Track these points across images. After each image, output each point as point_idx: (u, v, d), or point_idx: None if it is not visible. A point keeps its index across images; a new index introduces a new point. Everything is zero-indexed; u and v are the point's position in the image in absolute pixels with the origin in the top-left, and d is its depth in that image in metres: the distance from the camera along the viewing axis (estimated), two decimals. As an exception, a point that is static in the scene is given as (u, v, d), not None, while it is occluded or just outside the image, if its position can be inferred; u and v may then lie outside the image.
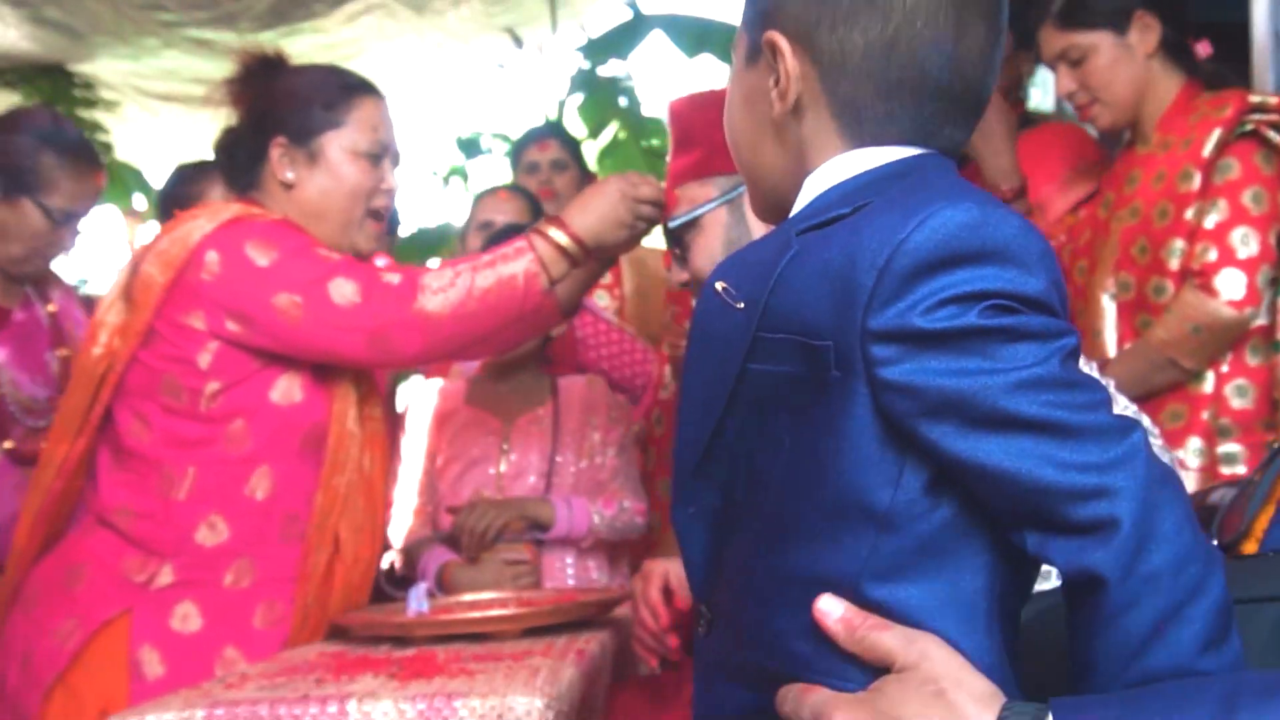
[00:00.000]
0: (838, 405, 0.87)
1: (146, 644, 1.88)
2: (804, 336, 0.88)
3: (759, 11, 1.03)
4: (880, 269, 0.84)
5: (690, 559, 1.02)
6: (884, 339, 0.84)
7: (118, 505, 1.94)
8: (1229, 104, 2.25)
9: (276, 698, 1.40)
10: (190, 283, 1.89)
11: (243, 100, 2.06)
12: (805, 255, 0.90)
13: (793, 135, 1.01)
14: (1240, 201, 2.21)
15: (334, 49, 4.98)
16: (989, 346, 0.83)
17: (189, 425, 1.91)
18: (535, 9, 5.40)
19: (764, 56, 1.01)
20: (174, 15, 4.55)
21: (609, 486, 2.56)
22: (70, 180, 2.44)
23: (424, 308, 1.88)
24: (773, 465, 0.92)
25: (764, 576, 0.92)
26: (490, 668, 1.51)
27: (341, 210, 2.02)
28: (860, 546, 0.87)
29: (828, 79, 0.97)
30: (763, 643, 0.92)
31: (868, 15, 0.95)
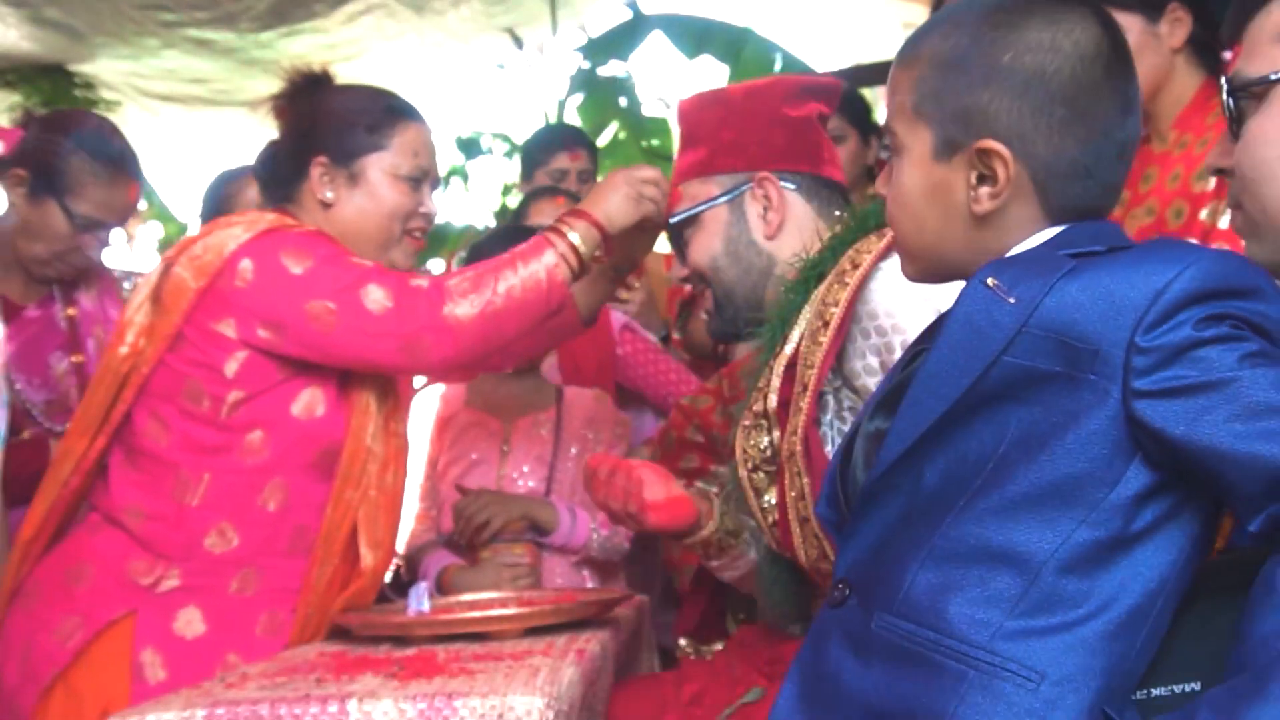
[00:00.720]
0: (1086, 403, 1.00)
1: (149, 647, 1.88)
2: (1071, 339, 1.02)
3: (957, 113, 1.14)
4: (1158, 292, 0.99)
5: (857, 529, 1.12)
6: (1149, 353, 0.99)
7: (128, 505, 1.94)
8: None
9: (277, 697, 1.41)
10: (223, 290, 1.89)
11: (287, 116, 2.08)
12: (1081, 273, 1.04)
13: (993, 224, 1.15)
14: None
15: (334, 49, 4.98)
16: (1239, 352, 0.98)
17: (207, 431, 1.91)
18: (535, 9, 5.41)
19: (964, 156, 1.14)
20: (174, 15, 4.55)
21: None
22: (100, 188, 2.40)
23: (453, 312, 1.88)
24: (991, 449, 1.04)
25: (949, 550, 1.03)
26: (490, 667, 1.51)
27: (378, 231, 2.03)
28: (1059, 532, 1.00)
29: (1040, 178, 1.13)
30: (929, 611, 1.02)
31: (1079, 123, 1.12)
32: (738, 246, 1.83)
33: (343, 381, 1.97)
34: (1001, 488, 1.02)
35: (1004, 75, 1.12)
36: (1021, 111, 1.11)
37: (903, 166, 1.18)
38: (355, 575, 1.98)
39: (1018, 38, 1.12)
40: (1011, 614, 1.00)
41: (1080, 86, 1.11)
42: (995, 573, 1.01)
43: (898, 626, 1.04)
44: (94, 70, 5.16)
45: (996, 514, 1.02)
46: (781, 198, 1.81)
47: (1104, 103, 1.12)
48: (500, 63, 6.33)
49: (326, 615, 1.97)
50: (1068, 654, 0.98)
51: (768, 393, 1.67)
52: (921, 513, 1.07)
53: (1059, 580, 1.00)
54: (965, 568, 1.02)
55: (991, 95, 1.12)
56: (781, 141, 1.82)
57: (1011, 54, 1.12)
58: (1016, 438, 1.03)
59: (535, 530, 2.47)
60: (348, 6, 4.72)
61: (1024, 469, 1.02)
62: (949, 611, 1.01)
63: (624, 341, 3.02)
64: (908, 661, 1.02)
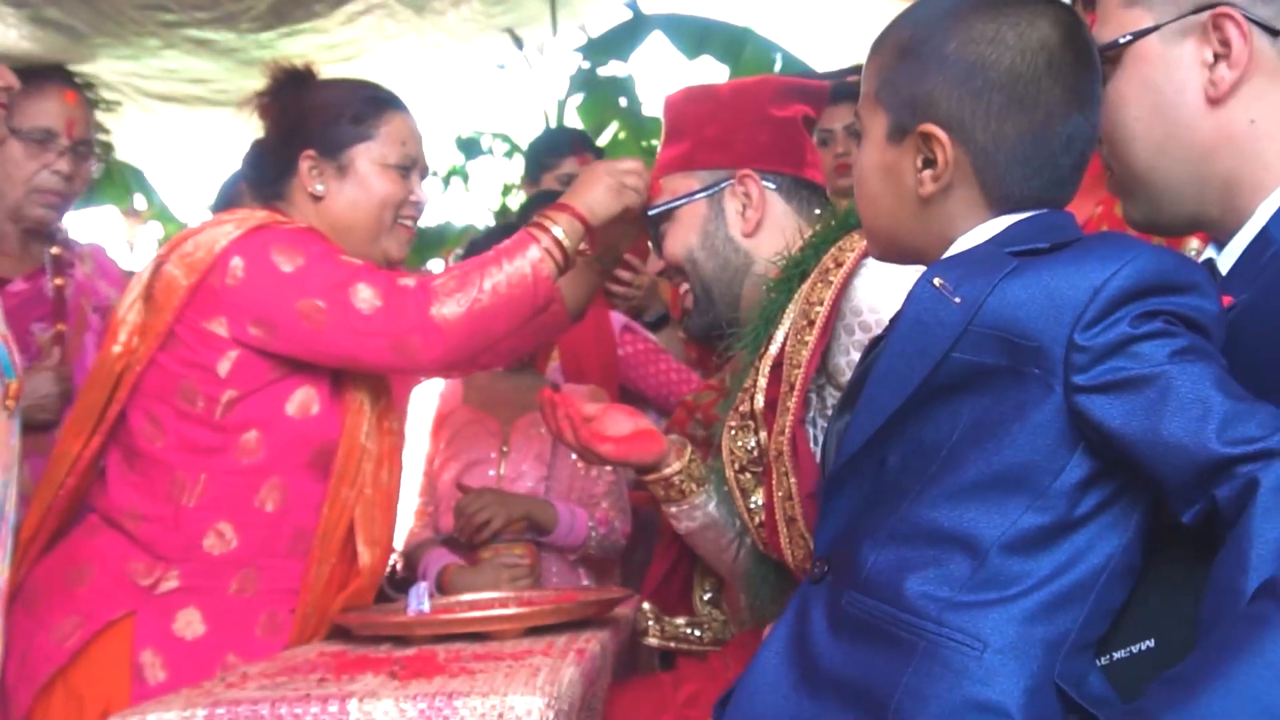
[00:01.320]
0: (1032, 396, 1.05)
1: (149, 648, 1.88)
2: (1013, 336, 1.06)
3: (907, 99, 1.19)
4: (1095, 289, 1.04)
5: (829, 514, 1.18)
6: (1086, 350, 1.03)
7: (126, 507, 1.94)
8: None
9: (277, 697, 1.41)
10: (214, 288, 1.89)
11: (271, 113, 2.08)
12: (1023, 272, 1.08)
13: (938, 207, 1.19)
14: None
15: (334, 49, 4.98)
16: (1171, 348, 1.02)
17: (202, 432, 1.91)
18: (535, 9, 5.40)
19: (911, 140, 1.19)
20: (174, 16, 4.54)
21: (601, 504, 2.57)
22: (31, 101, 2.40)
23: (440, 312, 1.88)
24: (944, 437, 1.09)
25: (905, 531, 1.09)
26: (490, 667, 1.51)
27: (370, 221, 2.04)
28: (1007, 516, 1.05)
29: (979, 164, 1.17)
30: (887, 587, 1.08)
31: (1018, 111, 1.15)
32: (715, 241, 1.83)
33: (336, 380, 1.98)
34: (954, 474, 1.08)
35: (948, 63, 1.17)
36: (961, 98, 1.16)
37: (864, 149, 1.25)
38: (353, 574, 1.98)
39: (965, 28, 1.17)
40: (960, 589, 1.05)
41: (1018, 77, 1.15)
42: (947, 554, 1.06)
43: (860, 602, 1.09)
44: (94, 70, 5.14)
45: (949, 499, 1.07)
46: (762, 196, 1.81)
47: (1045, 95, 1.15)
48: (500, 63, 6.33)
49: (326, 615, 1.97)
50: (1008, 624, 1.04)
51: (754, 393, 1.67)
52: (883, 496, 1.12)
53: (1004, 560, 1.05)
54: (919, 548, 1.08)
55: (935, 82, 1.17)
56: (765, 141, 1.83)
57: (956, 43, 1.17)
58: (969, 425, 1.08)
59: (535, 530, 2.47)
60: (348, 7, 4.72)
61: (975, 457, 1.07)
62: (903, 588, 1.06)
63: (625, 343, 3.02)
64: (868, 635, 1.08)
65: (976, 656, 1.03)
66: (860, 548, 1.11)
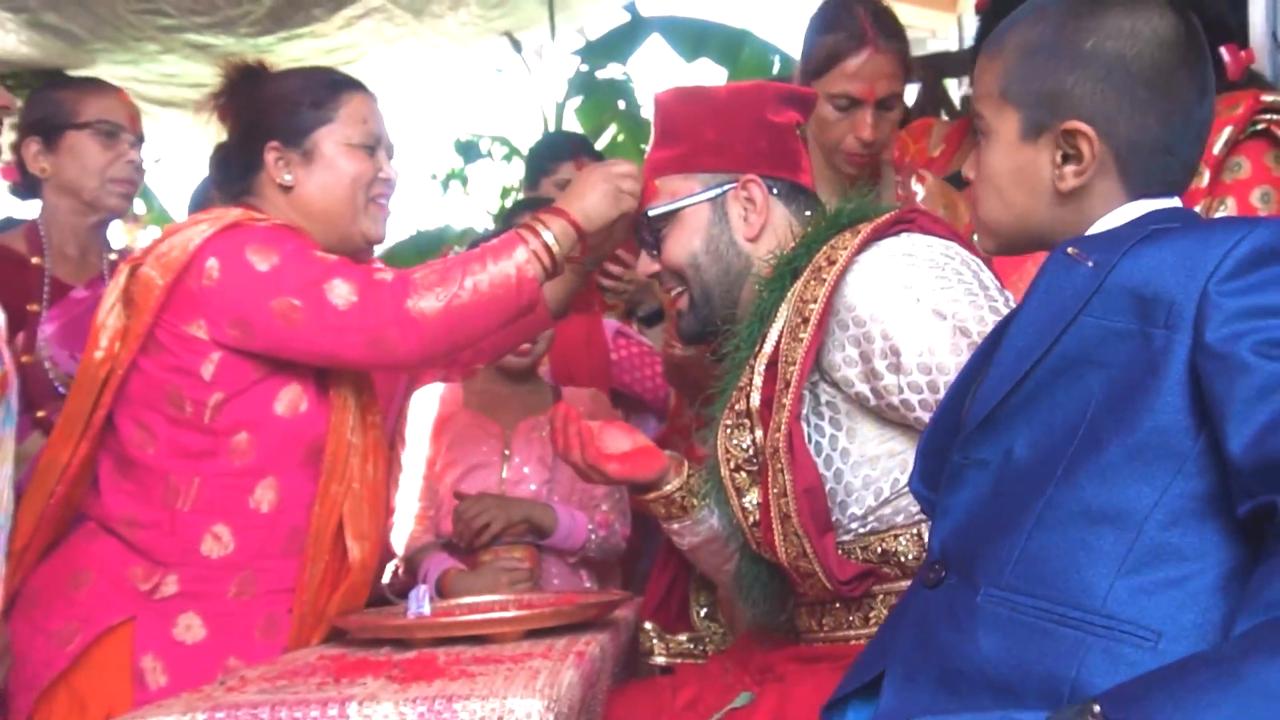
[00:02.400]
0: (1159, 359, 1.05)
1: (150, 653, 1.88)
2: (1145, 294, 1.08)
3: (1043, 96, 1.22)
4: (1229, 248, 1.05)
5: (949, 507, 1.17)
6: (1218, 306, 1.03)
7: (122, 515, 1.94)
8: (1240, 103, 2.23)
9: (277, 700, 1.41)
10: (191, 289, 1.89)
11: (230, 112, 2.08)
12: (1157, 237, 1.11)
13: (1077, 200, 1.22)
14: (1249, 200, 2.20)
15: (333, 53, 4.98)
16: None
17: (193, 436, 1.91)
18: (534, 12, 5.40)
19: (1049, 137, 1.22)
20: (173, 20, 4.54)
21: (601, 506, 2.57)
22: (94, 98, 2.52)
23: (418, 306, 1.87)
24: (1077, 417, 1.08)
25: (1052, 520, 1.06)
26: (490, 670, 1.51)
27: (343, 203, 2.03)
28: (1157, 486, 1.03)
29: (1123, 157, 1.21)
30: (1040, 581, 1.05)
31: (1160, 102, 1.20)
32: (718, 245, 1.83)
33: (320, 376, 1.98)
34: (1096, 453, 1.06)
35: (1087, 60, 1.20)
36: (1105, 94, 1.19)
37: (991, 148, 1.27)
38: (345, 571, 1.98)
39: (1098, 25, 1.21)
40: (1119, 572, 1.03)
41: (1159, 70, 1.19)
42: (1098, 535, 1.04)
43: (1009, 599, 1.07)
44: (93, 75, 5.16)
45: (1094, 478, 1.06)
46: (765, 200, 1.81)
47: (1181, 85, 1.20)
48: (499, 66, 6.34)
49: (323, 614, 1.97)
50: (1181, 610, 1.01)
51: (749, 391, 1.67)
52: (1014, 487, 1.11)
53: (1164, 534, 1.03)
54: (1070, 535, 1.06)
55: (1076, 79, 1.20)
56: (765, 146, 1.83)
57: (1093, 40, 1.20)
58: (1102, 400, 1.08)
59: (535, 533, 2.47)
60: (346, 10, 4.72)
61: (1113, 430, 1.06)
62: (1059, 579, 1.05)
63: (619, 347, 3.02)
64: (1023, 631, 1.05)
65: (1151, 648, 1.00)
66: (997, 544, 1.10)
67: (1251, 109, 2.22)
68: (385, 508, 2.11)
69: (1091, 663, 1.01)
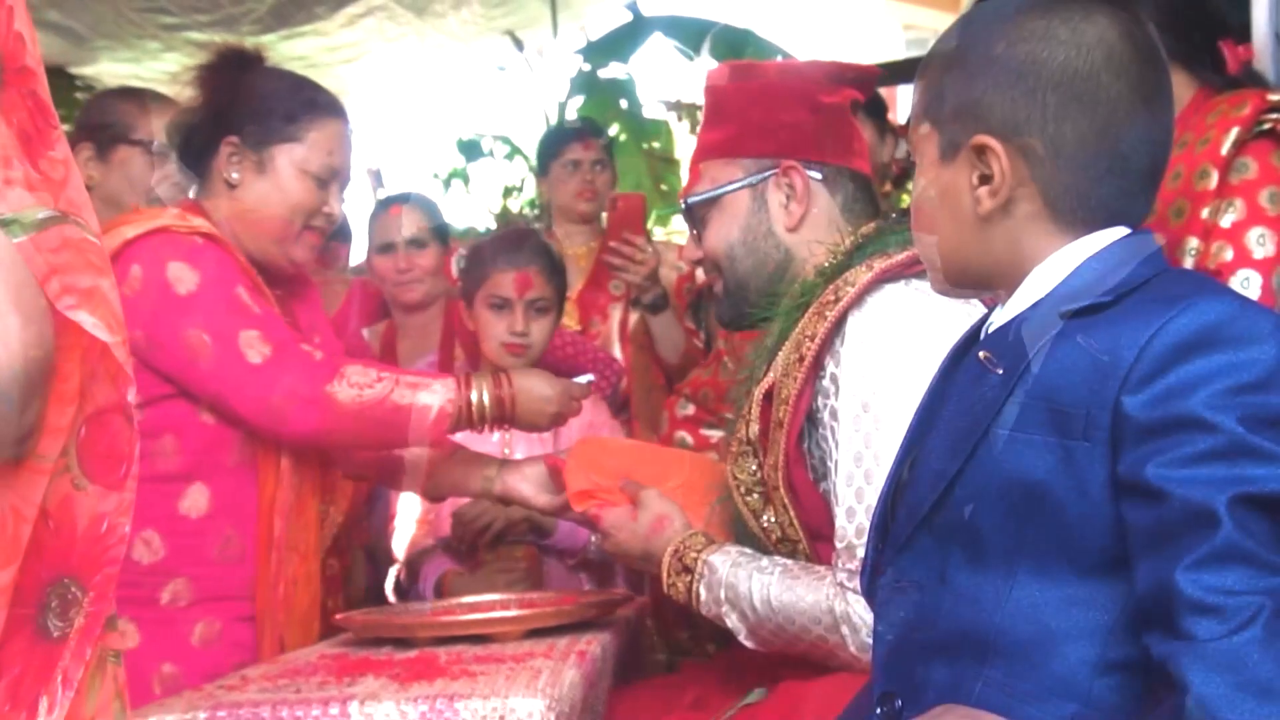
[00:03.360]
0: (1084, 475, 0.97)
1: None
2: (1057, 403, 0.99)
3: (956, 111, 1.11)
4: (1141, 348, 0.96)
5: (884, 632, 1.11)
6: (1128, 420, 0.95)
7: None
8: (1247, 102, 2.22)
9: (279, 699, 1.40)
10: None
11: (208, 87, 2.02)
12: (1070, 334, 1.01)
13: (1000, 227, 1.10)
14: (1257, 201, 2.19)
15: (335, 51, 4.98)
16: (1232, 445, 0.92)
17: None
18: (536, 11, 5.40)
19: (964, 156, 1.10)
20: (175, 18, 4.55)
21: None
22: (153, 115, 2.46)
23: (334, 394, 1.84)
24: (1011, 539, 1.01)
25: (1008, 640, 1.01)
26: (492, 669, 1.51)
27: (277, 223, 1.99)
28: (1109, 608, 0.98)
29: (1040, 173, 1.08)
30: (999, 707, 0.99)
31: (1077, 110, 1.06)
32: (755, 236, 1.75)
33: None
34: (1041, 577, 1.01)
35: (997, 65, 1.08)
36: (1014, 100, 1.07)
37: (917, 174, 1.17)
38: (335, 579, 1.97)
39: (1012, 28, 1.09)
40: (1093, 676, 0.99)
41: (1075, 73, 1.06)
42: (1062, 653, 1.00)
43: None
44: (95, 73, 5.16)
45: (1046, 603, 1.01)
46: (806, 188, 1.73)
47: (1104, 92, 1.06)
48: (501, 65, 6.32)
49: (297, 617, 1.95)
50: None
51: (750, 420, 1.65)
52: (956, 610, 1.05)
53: (1126, 650, 0.98)
54: (1033, 650, 1.01)
55: (984, 87, 1.09)
56: (812, 129, 1.74)
57: (1005, 43, 1.08)
58: (1034, 522, 1.01)
59: (536, 533, 2.47)
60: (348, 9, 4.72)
61: (1053, 553, 1.00)
62: (1014, 710, 0.99)
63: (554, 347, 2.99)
64: None
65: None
66: (928, 667, 1.05)
67: (1258, 109, 2.20)
68: (318, 518, 2.05)
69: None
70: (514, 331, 2.51)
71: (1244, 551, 0.90)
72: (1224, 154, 2.20)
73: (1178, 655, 0.89)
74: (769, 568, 1.60)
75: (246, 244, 1.98)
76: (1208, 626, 0.89)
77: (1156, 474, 0.93)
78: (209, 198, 2.01)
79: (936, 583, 1.06)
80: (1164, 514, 0.93)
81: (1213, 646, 0.88)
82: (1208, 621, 0.89)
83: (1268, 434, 0.93)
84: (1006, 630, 1.01)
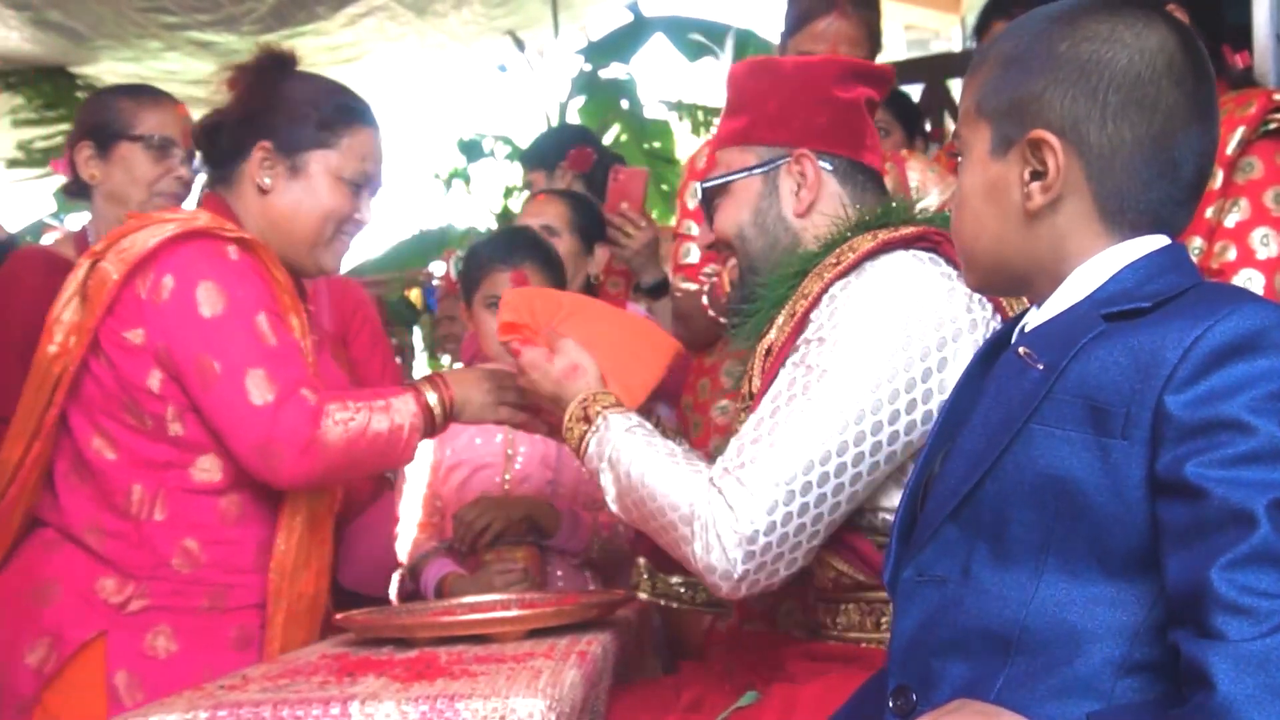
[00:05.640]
0: (1120, 473, 0.98)
1: (123, 669, 1.84)
2: (1097, 401, 1.00)
3: (1014, 105, 1.12)
4: (1186, 349, 0.97)
5: (904, 627, 1.11)
6: (1170, 421, 0.96)
7: (85, 522, 1.89)
8: (1253, 102, 2.21)
9: (279, 699, 1.40)
10: (138, 297, 1.85)
11: (241, 89, 2.01)
12: (1111, 335, 1.02)
13: (1047, 225, 1.11)
14: (1262, 201, 2.19)
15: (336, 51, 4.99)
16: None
17: (158, 448, 1.87)
18: (537, 11, 5.41)
19: (1018, 150, 1.11)
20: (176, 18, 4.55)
21: (606, 507, 2.56)
22: (150, 110, 2.49)
23: (324, 437, 1.83)
24: (1041, 535, 1.02)
25: (1032, 638, 1.01)
26: (492, 669, 1.51)
27: (310, 229, 1.99)
28: (1138, 609, 0.99)
29: (1093, 172, 1.09)
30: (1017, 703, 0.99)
31: (1136, 113, 1.07)
32: (766, 219, 1.79)
33: None
34: (1070, 575, 1.02)
35: (1059, 63, 1.09)
36: (1075, 98, 1.08)
37: (965, 167, 1.18)
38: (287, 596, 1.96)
39: (1077, 28, 1.10)
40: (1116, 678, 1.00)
41: (1138, 77, 1.07)
42: (1085, 655, 1.00)
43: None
44: (96, 72, 5.17)
45: (1072, 601, 1.02)
46: (817, 177, 1.77)
47: (1164, 98, 1.08)
48: (502, 65, 6.33)
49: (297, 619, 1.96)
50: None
51: (753, 375, 1.67)
52: (980, 606, 1.06)
53: (1151, 651, 0.99)
54: (1053, 652, 1.01)
55: (1045, 83, 1.10)
56: (825, 121, 1.78)
57: (1069, 43, 1.10)
58: (1065, 519, 1.02)
59: (537, 532, 2.47)
60: (349, 8, 4.73)
61: (1083, 552, 1.01)
62: (1032, 708, 0.99)
63: None
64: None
65: None
66: (945, 662, 1.06)
67: (1264, 108, 2.20)
68: (331, 538, 2.07)
69: None
70: None
71: (1279, 555, 0.91)
72: (1229, 154, 2.20)
73: (1206, 653, 0.90)
74: (660, 447, 1.64)
75: (276, 246, 1.98)
76: (1239, 627, 0.89)
77: (1196, 473, 0.94)
78: (237, 200, 2.00)
79: (960, 577, 1.07)
80: (1202, 512, 0.93)
81: (1244, 647, 0.89)
82: (1239, 622, 0.90)
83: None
84: (1031, 628, 1.01)
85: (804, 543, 1.52)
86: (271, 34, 4.59)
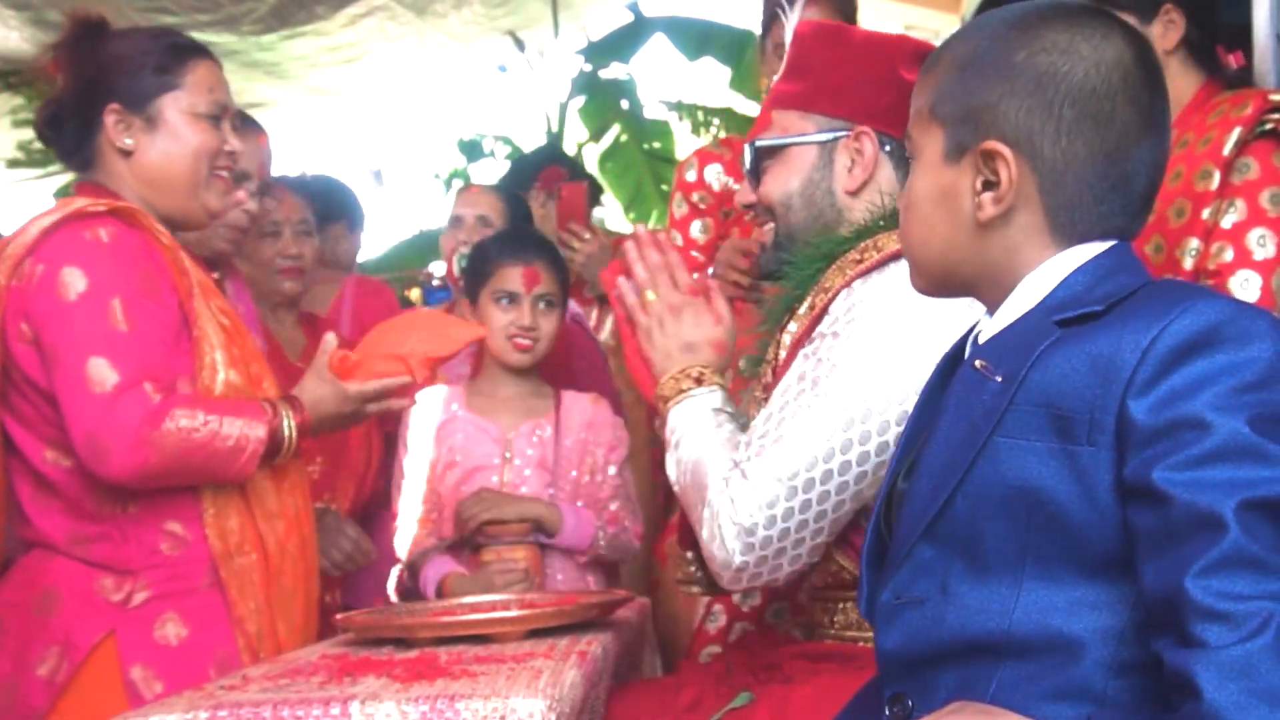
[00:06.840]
0: (1090, 480, 0.98)
1: (137, 663, 1.84)
2: (1059, 409, 1.00)
3: (967, 113, 1.11)
4: (1144, 351, 0.97)
5: (889, 649, 1.10)
6: (1134, 425, 0.96)
7: (68, 538, 1.88)
8: (1249, 102, 2.21)
9: (279, 699, 1.40)
10: (19, 289, 1.84)
11: (68, 67, 1.98)
12: (1067, 341, 1.02)
13: (998, 235, 1.11)
14: (1258, 202, 2.19)
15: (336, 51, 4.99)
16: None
17: None
18: (537, 11, 5.41)
19: (971, 159, 1.11)
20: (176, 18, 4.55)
21: (609, 506, 2.57)
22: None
23: (160, 439, 1.79)
24: (1017, 548, 1.02)
25: (1019, 644, 1.01)
26: (492, 669, 1.51)
27: (185, 173, 1.97)
28: (1119, 612, 0.99)
29: (1046, 186, 1.09)
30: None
31: (1091, 128, 1.08)
32: (815, 191, 1.77)
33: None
34: (1050, 584, 1.02)
35: (1016, 73, 1.09)
36: (1030, 110, 1.08)
37: (916, 171, 1.17)
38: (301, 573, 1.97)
39: (1035, 37, 1.09)
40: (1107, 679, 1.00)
41: (1094, 91, 1.07)
42: (1069, 662, 1.00)
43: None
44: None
45: (1056, 609, 1.02)
46: (874, 156, 1.75)
47: (1119, 112, 1.08)
48: (502, 65, 6.34)
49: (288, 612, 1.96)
50: None
51: (774, 365, 1.67)
52: (963, 621, 1.05)
53: (1136, 651, 0.99)
54: (1041, 660, 1.01)
55: (1001, 93, 1.09)
56: (888, 102, 1.74)
57: (1026, 52, 1.09)
58: (1038, 530, 1.02)
59: (539, 531, 2.47)
60: (349, 9, 4.73)
61: (1060, 560, 1.01)
62: (1028, 708, 0.99)
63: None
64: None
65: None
66: (938, 671, 1.06)
67: (1260, 109, 2.20)
68: (315, 542, 2.07)
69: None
70: (522, 325, 2.51)
71: (1252, 556, 0.90)
72: (1226, 154, 2.19)
73: (1189, 662, 0.90)
74: (720, 428, 1.63)
75: (159, 207, 1.96)
76: (1219, 633, 0.89)
77: (1162, 477, 0.94)
78: (107, 176, 1.98)
79: (939, 596, 1.07)
80: (1171, 519, 0.93)
81: (1224, 654, 0.89)
82: (1219, 628, 0.90)
83: (1272, 434, 0.94)
84: (1017, 635, 1.01)
85: (807, 539, 1.52)
86: (271, 34, 4.59)
